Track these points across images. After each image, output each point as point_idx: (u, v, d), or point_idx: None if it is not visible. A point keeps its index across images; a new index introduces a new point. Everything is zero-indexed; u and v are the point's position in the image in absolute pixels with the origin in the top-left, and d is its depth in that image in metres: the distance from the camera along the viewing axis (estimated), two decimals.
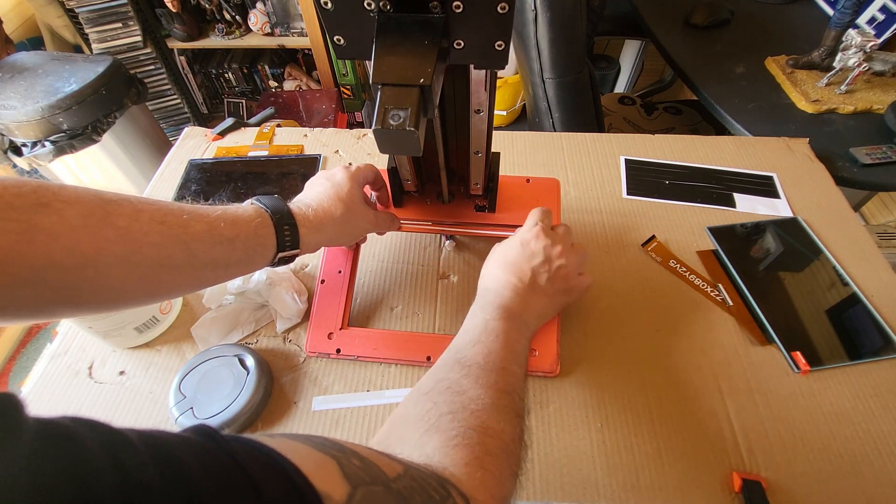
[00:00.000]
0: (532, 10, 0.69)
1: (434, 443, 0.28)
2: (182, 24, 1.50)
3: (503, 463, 0.29)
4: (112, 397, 0.46)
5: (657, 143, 0.69)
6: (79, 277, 0.28)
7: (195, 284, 0.35)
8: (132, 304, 0.34)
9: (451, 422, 0.29)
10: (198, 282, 0.35)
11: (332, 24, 0.29)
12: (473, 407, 0.30)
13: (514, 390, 0.34)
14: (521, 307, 0.39)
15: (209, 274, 0.35)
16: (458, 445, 0.28)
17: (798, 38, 0.95)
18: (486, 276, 0.43)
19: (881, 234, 0.97)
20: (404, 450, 0.28)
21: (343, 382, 0.47)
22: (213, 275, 0.36)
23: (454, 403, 0.31)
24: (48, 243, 0.26)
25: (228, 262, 0.35)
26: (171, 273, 0.32)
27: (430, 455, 0.27)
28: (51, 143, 1.08)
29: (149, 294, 0.33)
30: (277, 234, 0.37)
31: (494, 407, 0.31)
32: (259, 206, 0.38)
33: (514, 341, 0.37)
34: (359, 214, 0.44)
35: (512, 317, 0.38)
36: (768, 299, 0.51)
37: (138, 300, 0.34)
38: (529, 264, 0.41)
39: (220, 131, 0.73)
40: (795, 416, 0.43)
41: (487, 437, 0.29)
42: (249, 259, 0.37)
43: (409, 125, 0.26)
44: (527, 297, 0.40)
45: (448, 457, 0.27)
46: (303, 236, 0.39)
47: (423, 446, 0.28)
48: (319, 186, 0.43)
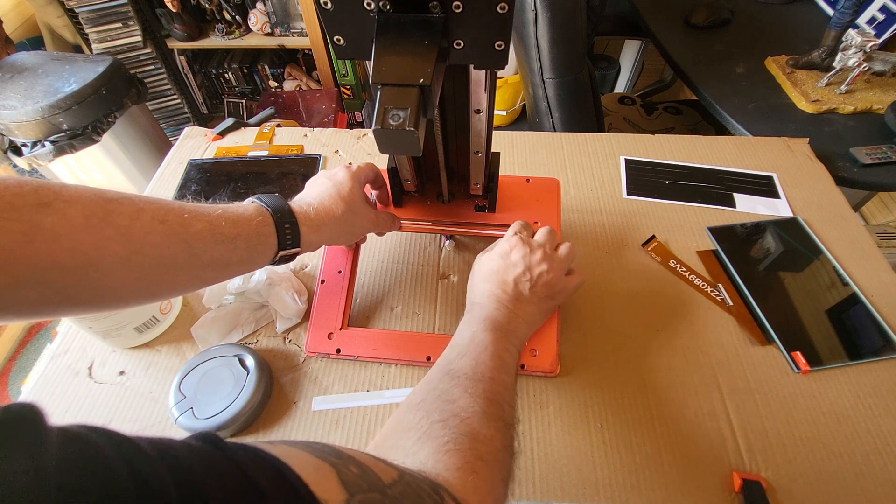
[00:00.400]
0: (532, 10, 0.69)
1: (427, 449, 0.28)
2: (182, 24, 1.50)
3: (494, 468, 0.30)
4: (112, 397, 0.46)
5: (657, 143, 0.69)
6: (81, 278, 0.28)
7: (197, 283, 0.35)
8: (133, 303, 0.34)
9: (442, 429, 0.30)
10: (199, 281, 0.35)
11: (331, 24, 0.29)
12: (464, 415, 0.31)
13: (503, 399, 0.34)
14: (506, 318, 0.40)
15: (210, 273, 0.35)
16: (449, 451, 0.28)
17: (798, 38, 0.95)
18: (471, 289, 0.44)
19: (881, 233, 0.97)
20: (398, 457, 0.28)
21: (343, 382, 0.47)
22: (215, 274, 0.35)
23: (445, 412, 0.31)
24: (51, 243, 0.26)
25: (230, 261, 0.35)
26: (173, 272, 0.32)
27: (423, 461, 0.28)
28: (51, 143, 1.08)
29: (150, 293, 0.33)
30: (278, 233, 0.37)
31: (484, 415, 0.31)
32: (260, 205, 0.38)
33: (501, 351, 0.37)
34: (360, 213, 0.44)
35: (498, 328, 0.38)
36: (768, 299, 0.51)
37: (140, 299, 0.34)
38: (511, 275, 0.41)
39: (220, 131, 0.73)
40: (795, 416, 0.43)
41: (478, 443, 0.30)
42: (251, 258, 0.36)
43: (408, 125, 0.26)
44: (512, 307, 0.40)
45: (441, 462, 0.28)
46: (304, 235, 0.39)
47: (416, 453, 0.28)
48: (321, 185, 0.43)
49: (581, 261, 0.55)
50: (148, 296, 0.33)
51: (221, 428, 0.41)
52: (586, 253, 0.56)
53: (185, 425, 0.42)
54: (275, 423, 0.44)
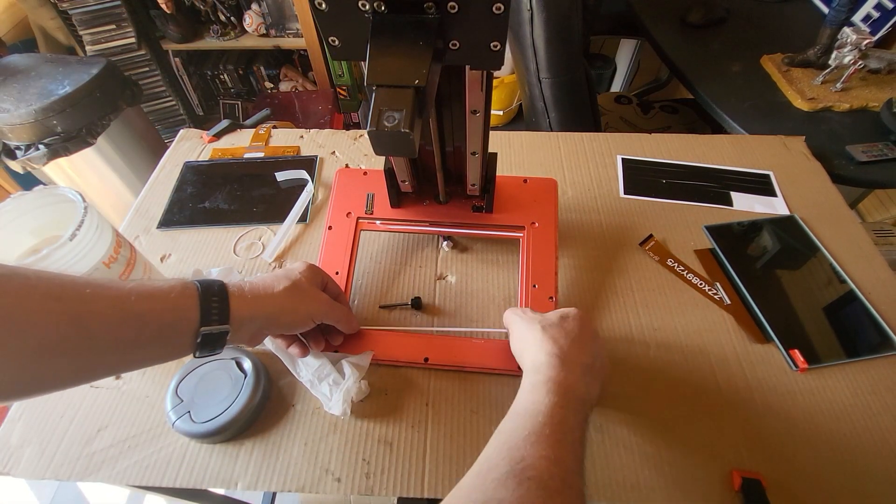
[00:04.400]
0: (528, 10, 0.69)
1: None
2: (176, 26, 1.50)
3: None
4: (108, 402, 0.46)
5: (654, 142, 0.69)
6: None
7: (96, 372, 0.30)
8: (14, 396, 0.28)
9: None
10: (100, 368, 0.30)
11: (326, 25, 0.29)
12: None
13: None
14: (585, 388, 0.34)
15: (113, 359, 0.30)
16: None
17: (793, 36, 0.95)
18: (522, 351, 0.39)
19: (878, 231, 0.97)
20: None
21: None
22: (119, 359, 0.30)
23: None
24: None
25: (137, 343, 0.30)
26: (62, 359, 0.27)
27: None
28: (44, 146, 1.07)
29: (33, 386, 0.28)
30: (202, 305, 0.32)
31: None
32: (186, 280, 0.34)
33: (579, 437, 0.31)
34: (308, 294, 0.40)
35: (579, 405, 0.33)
36: (766, 297, 0.51)
37: (18, 393, 0.28)
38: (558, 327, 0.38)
39: (216, 133, 0.72)
40: (794, 413, 0.43)
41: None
42: (163, 338, 0.31)
43: (403, 127, 0.26)
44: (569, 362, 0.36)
45: None
46: (234, 309, 0.34)
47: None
48: (269, 272, 0.41)
49: (578, 261, 0.55)
50: (29, 388, 0.28)
51: (219, 432, 0.41)
52: (584, 253, 0.56)
53: (182, 429, 0.41)
54: (272, 426, 0.44)
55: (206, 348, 0.34)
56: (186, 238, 0.59)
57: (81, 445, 0.43)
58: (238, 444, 0.43)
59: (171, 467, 0.41)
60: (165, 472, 0.41)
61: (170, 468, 0.41)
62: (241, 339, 0.36)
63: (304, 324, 0.41)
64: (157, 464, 0.41)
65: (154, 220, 0.61)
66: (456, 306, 0.52)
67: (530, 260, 0.49)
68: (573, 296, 0.52)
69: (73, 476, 0.41)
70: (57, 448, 0.43)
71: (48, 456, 0.42)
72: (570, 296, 0.52)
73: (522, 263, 0.50)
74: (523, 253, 0.50)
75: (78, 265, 0.39)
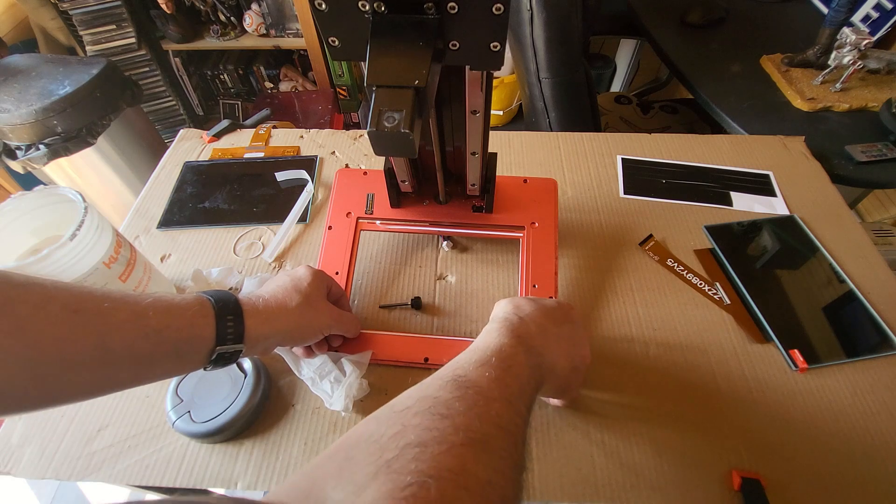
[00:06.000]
0: (528, 10, 0.69)
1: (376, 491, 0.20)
2: (177, 26, 1.50)
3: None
4: (109, 401, 0.46)
5: (654, 142, 0.69)
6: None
7: (108, 386, 0.30)
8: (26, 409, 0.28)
9: (412, 460, 0.21)
10: (112, 383, 0.30)
11: (326, 25, 0.29)
12: (455, 439, 0.23)
13: (518, 434, 0.26)
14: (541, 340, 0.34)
15: (126, 373, 0.30)
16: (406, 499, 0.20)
17: (793, 36, 0.95)
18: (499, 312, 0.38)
19: (877, 231, 0.97)
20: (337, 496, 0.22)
21: None
22: (132, 374, 0.30)
23: (430, 431, 0.23)
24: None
25: (153, 359, 0.30)
26: (78, 373, 0.27)
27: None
28: (45, 146, 1.08)
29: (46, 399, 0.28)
30: (218, 325, 0.32)
31: (487, 447, 0.23)
32: (202, 295, 0.34)
33: (526, 377, 0.31)
34: (319, 309, 0.40)
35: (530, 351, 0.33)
36: (766, 297, 0.51)
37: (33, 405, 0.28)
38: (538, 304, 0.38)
39: (216, 133, 0.72)
40: (794, 413, 0.44)
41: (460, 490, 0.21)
42: (179, 354, 0.31)
43: (403, 127, 0.26)
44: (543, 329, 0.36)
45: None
46: (249, 328, 0.34)
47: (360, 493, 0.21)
48: (277, 281, 0.41)
49: (578, 261, 0.55)
50: (44, 400, 0.28)
51: (219, 431, 0.41)
52: (584, 253, 0.56)
53: (182, 429, 0.41)
54: (273, 426, 0.44)
55: (220, 364, 0.34)
56: (186, 238, 0.59)
57: (82, 445, 0.43)
58: (238, 443, 0.43)
59: (171, 467, 0.41)
60: (165, 472, 0.41)
61: (170, 468, 0.41)
62: (253, 353, 0.37)
63: (315, 337, 0.42)
64: (157, 463, 0.42)
65: (154, 221, 0.61)
66: (456, 306, 0.52)
67: (530, 260, 0.49)
68: (573, 296, 0.52)
69: (73, 475, 0.41)
70: (57, 447, 0.43)
71: (48, 455, 0.42)
72: (570, 296, 0.52)
73: (522, 263, 0.50)
74: (523, 253, 0.50)
75: (78, 265, 0.39)
